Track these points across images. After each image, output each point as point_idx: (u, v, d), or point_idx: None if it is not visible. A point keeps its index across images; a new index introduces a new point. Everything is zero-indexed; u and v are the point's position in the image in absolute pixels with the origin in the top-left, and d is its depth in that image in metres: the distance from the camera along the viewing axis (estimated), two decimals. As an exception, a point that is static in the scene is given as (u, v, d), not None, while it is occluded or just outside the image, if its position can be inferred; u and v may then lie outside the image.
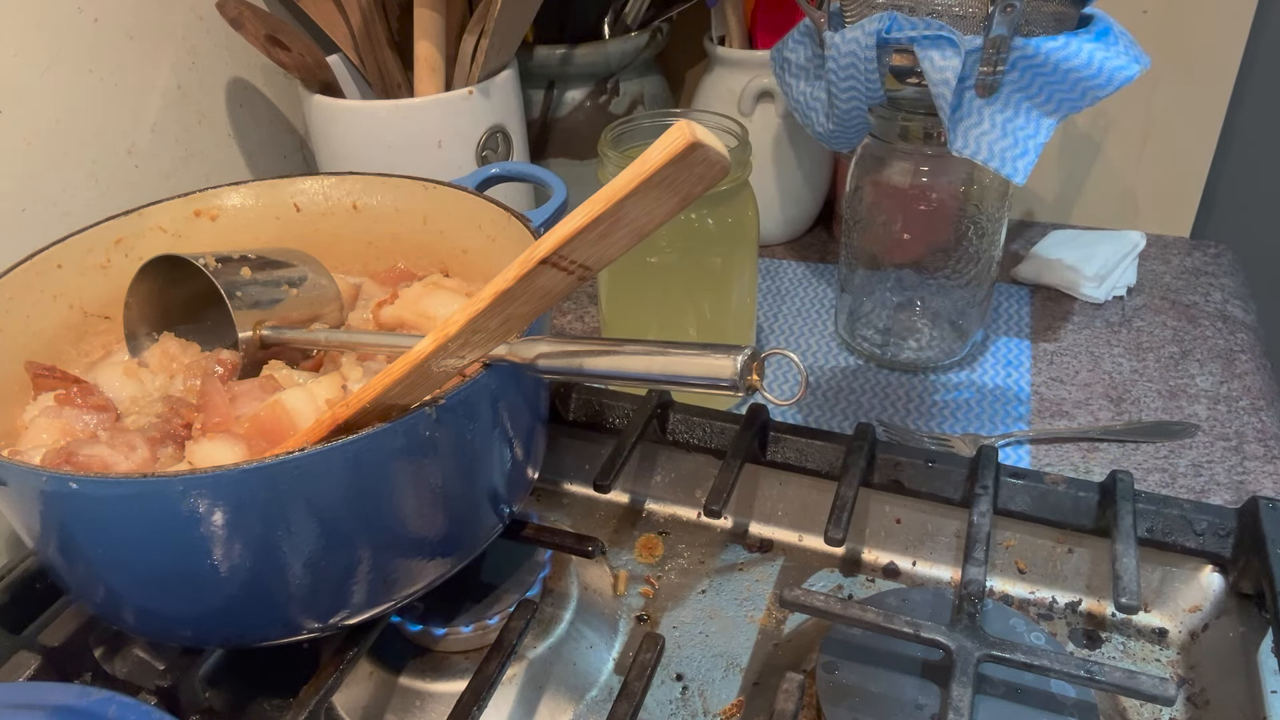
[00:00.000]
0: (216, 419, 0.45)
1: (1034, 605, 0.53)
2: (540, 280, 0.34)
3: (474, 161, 0.71)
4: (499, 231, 0.52)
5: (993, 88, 0.55)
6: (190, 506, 0.35)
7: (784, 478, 0.58)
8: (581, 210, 0.31)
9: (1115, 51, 0.54)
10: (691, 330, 0.66)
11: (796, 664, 0.49)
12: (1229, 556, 0.49)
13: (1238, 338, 0.73)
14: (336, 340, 0.49)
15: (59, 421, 0.45)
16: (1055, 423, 0.66)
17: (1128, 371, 0.71)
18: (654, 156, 0.29)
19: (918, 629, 0.44)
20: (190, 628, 0.42)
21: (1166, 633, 0.50)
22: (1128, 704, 0.47)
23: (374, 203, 0.57)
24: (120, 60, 0.65)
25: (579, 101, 0.84)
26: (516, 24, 0.70)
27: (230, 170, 0.76)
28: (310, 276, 0.53)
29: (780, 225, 0.88)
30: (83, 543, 0.39)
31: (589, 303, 0.83)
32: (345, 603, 0.41)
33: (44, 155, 0.60)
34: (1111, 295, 0.79)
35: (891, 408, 0.69)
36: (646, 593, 0.55)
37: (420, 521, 0.41)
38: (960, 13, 0.55)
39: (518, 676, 0.48)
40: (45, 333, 0.50)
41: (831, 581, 0.55)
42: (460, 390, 0.39)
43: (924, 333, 0.74)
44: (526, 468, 0.47)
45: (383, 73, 0.76)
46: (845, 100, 0.61)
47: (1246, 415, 0.65)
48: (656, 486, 0.61)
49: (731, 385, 0.34)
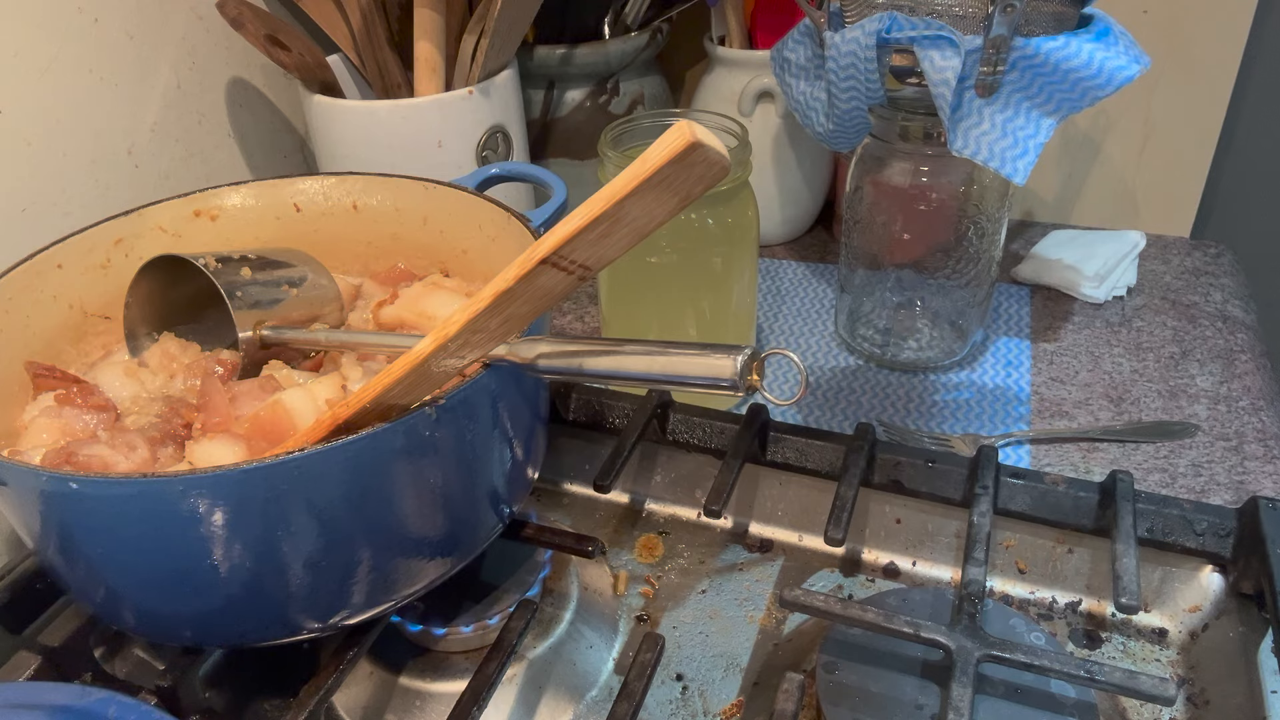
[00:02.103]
0: (216, 419, 0.45)
1: (1034, 605, 0.53)
2: (540, 280, 0.34)
3: (474, 161, 0.71)
4: (499, 231, 0.52)
5: (993, 88, 0.55)
6: (190, 506, 0.35)
7: (784, 478, 0.58)
8: (581, 210, 0.31)
9: (1115, 51, 0.54)
10: (691, 330, 0.66)
11: (796, 664, 0.49)
12: (1229, 556, 0.50)
13: (1238, 338, 0.73)
14: (336, 340, 0.49)
15: (59, 421, 0.45)
16: (1055, 423, 0.66)
17: (1128, 371, 0.71)
18: (654, 156, 0.29)
19: (918, 629, 0.44)
20: (190, 628, 0.42)
21: (1166, 633, 0.50)
22: (1128, 704, 0.47)
23: (374, 203, 0.57)
24: (120, 60, 0.65)
25: (579, 101, 0.84)
26: (516, 24, 0.70)
27: (230, 170, 0.76)
28: (310, 276, 0.52)
29: (780, 225, 0.88)
30: (83, 543, 0.38)
31: (589, 303, 0.83)
32: (345, 603, 0.41)
33: (44, 155, 0.60)
34: (1111, 295, 0.79)
35: (891, 408, 0.69)
36: (646, 593, 0.55)
37: (420, 521, 0.41)
38: (960, 13, 0.55)
39: (518, 676, 0.48)
40: (45, 333, 0.50)
41: (831, 581, 0.55)
42: (460, 390, 0.39)
43: (924, 333, 0.74)
44: (526, 468, 0.47)
45: (383, 73, 0.76)
46: (845, 100, 0.61)
47: (1246, 415, 0.65)
48: (656, 486, 0.61)
49: (731, 385, 0.34)
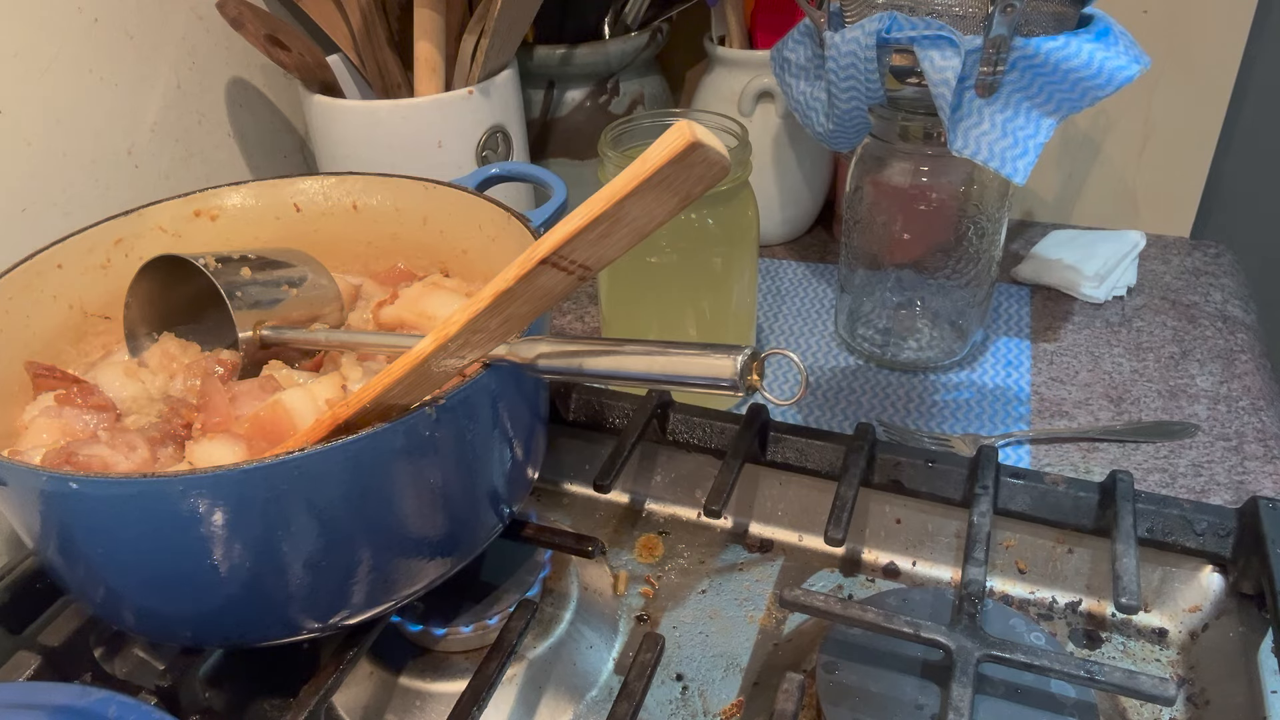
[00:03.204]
0: (216, 419, 0.45)
1: (1034, 605, 0.53)
2: (540, 280, 0.34)
3: (474, 161, 0.71)
4: (499, 231, 0.52)
5: (993, 88, 0.55)
6: (190, 506, 0.35)
7: (784, 478, 0.58)
8: (581, 210, 0.31)
9: (1115, 51, 0.54)
10: (691, 330, 0.66)
11: (796, 664, 0.49)
12: (1229, 556, 0.49)
13: (1238, 338, 0.73)
14: (336, 340, 0.49)
15: (59, 421, 0.45)
16: (1055, 423, 0.66)
17: (1128, 371, 0.71)
18: (654, 156, 0.29)
19: (918, 629, 0.44)
20: (190, 628, 0.42)
21: (1166, 633, 0.50)
22: (1128, 704, 0.47)
23: (374, 203, 0.57)
24: (120, 60, 0.65)
25: (579, 101, 0.84)
26: (516, 24, 0.70)
27: (230, 170, 0.76)
28: (310, 276, 0.52)
29: (780, 225, 0.88)
30: (83, 543, 0.38)
31: (589, 303, 0.83)
32: (345, 603, 0.41)
33: (44, 155, 0.60)
34: (1111, 295, 0.79)
35: (891, 408, 0.69)
36: (646, 593, 0.55)
37: (420, 521, 0.41)
38: (960, 13, 0.55)
39: (518, 676, 0.48)
40: (45, 333, 0.50)
41: (831, 581, 0.55)
42: (460, 390, 0.39)
43: (924, 333, 0.74)
44: (526, 468, 0.47)
45: (383, 73, 0.76)
46: (845, 100, 0.61)
47: (1246, 415, 0.65)
48: (656, 486, 0.61)
49: (731, 385, 0.34)
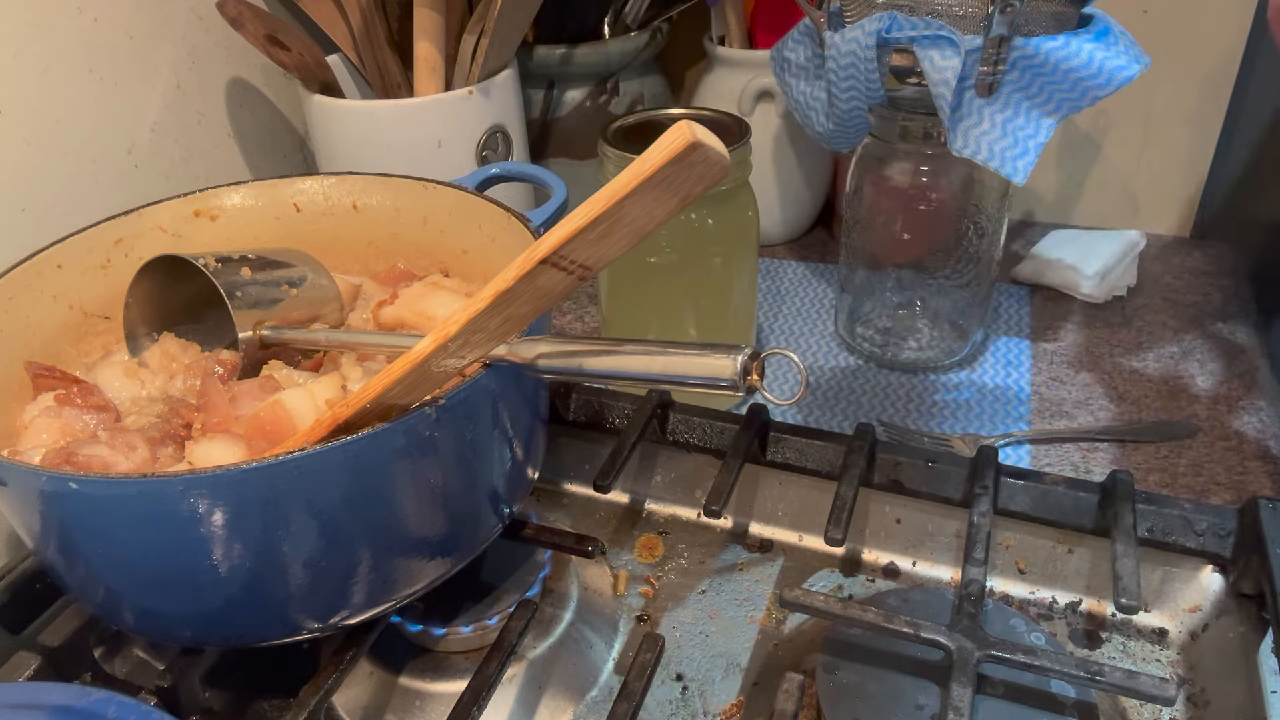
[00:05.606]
0: (216, 419, 0.45)
1: (1034, 605, 0.53)
2: (540, 280, 0.34)
3: (474, 161, 0.71)
4: (499, 231, 0.52)
5: (993, 88, 0.55)
6: (190, 506, 0.35)
7: (784, 478, 0.58)
8: (581, 210, 0.31)
9: (1115, 51, 0.54)
10: (691, 330, 0.66)
11: (796, 664, 0.49)
12: (1229, 556, 0.49)
13: (1237, 338, 0.73)
14: (336, 340, 0.49)
15: (59, 421, 0.45)
16: (1055, 423, 0.66)
17: (1128, 371, 0.71)
18: (654, 156, 0.29)
19: (918, 629, 0.44)
20: (190, 628, 0.42)
21: (1166, 633, 0.50)
22: (1128, 704, 0.47)
23: (374, 203, 0.57)
24: (120, 60, 0.65)
25: (579, 101, 0.84)
26: (516, 24, 0.70)
27: (230, 170, 0.76)
28: (310, 276, 0.52)
29: (780, 225, 0.88)
30: (83, 543, 0.38)
31: (589, 303, 0.83)
32: (345, 603, 0.41)
33: (44, 155, 0.60)
34: (1111, 295, 0.79)
35: (891, 408, 0.68)
36: (646, 593, 0.55)
37: (420, 521, 0.41)
38: (960, 13, 0.55)
39: (518, 676, 0.48)
40: (45, 333, 0.50)
41: (831, 581, 0.55)
42: (460, 390, 0.39)
43: (924, 333, 0.74)
44: (526, 468, 0.47)
45: (383, 73, 0.76)
46: (845, 100, 0.61)
47: (1246, 415, 0.65)
48: (656, 486, 0.61)
49: (731, 385, 0.34)
